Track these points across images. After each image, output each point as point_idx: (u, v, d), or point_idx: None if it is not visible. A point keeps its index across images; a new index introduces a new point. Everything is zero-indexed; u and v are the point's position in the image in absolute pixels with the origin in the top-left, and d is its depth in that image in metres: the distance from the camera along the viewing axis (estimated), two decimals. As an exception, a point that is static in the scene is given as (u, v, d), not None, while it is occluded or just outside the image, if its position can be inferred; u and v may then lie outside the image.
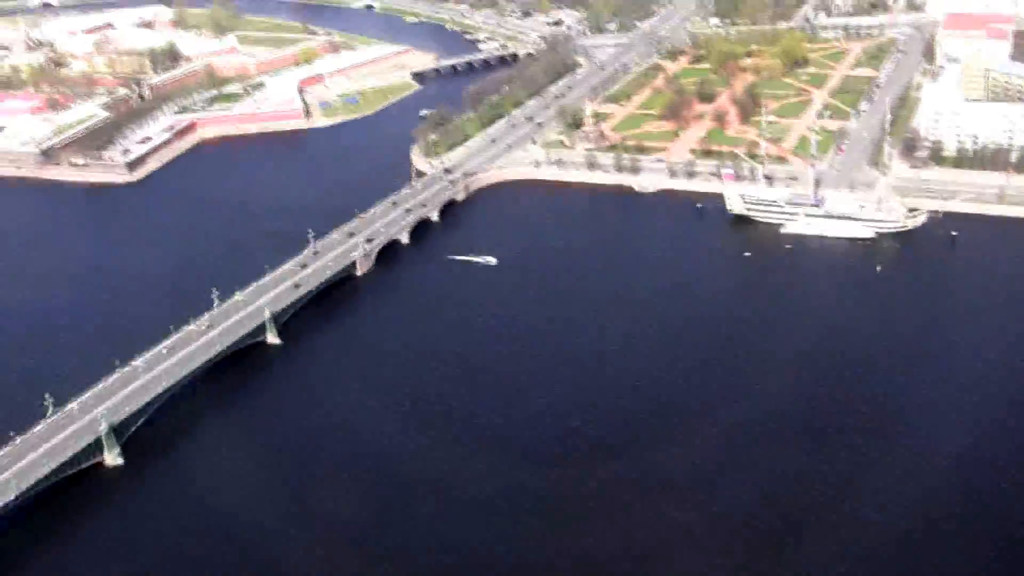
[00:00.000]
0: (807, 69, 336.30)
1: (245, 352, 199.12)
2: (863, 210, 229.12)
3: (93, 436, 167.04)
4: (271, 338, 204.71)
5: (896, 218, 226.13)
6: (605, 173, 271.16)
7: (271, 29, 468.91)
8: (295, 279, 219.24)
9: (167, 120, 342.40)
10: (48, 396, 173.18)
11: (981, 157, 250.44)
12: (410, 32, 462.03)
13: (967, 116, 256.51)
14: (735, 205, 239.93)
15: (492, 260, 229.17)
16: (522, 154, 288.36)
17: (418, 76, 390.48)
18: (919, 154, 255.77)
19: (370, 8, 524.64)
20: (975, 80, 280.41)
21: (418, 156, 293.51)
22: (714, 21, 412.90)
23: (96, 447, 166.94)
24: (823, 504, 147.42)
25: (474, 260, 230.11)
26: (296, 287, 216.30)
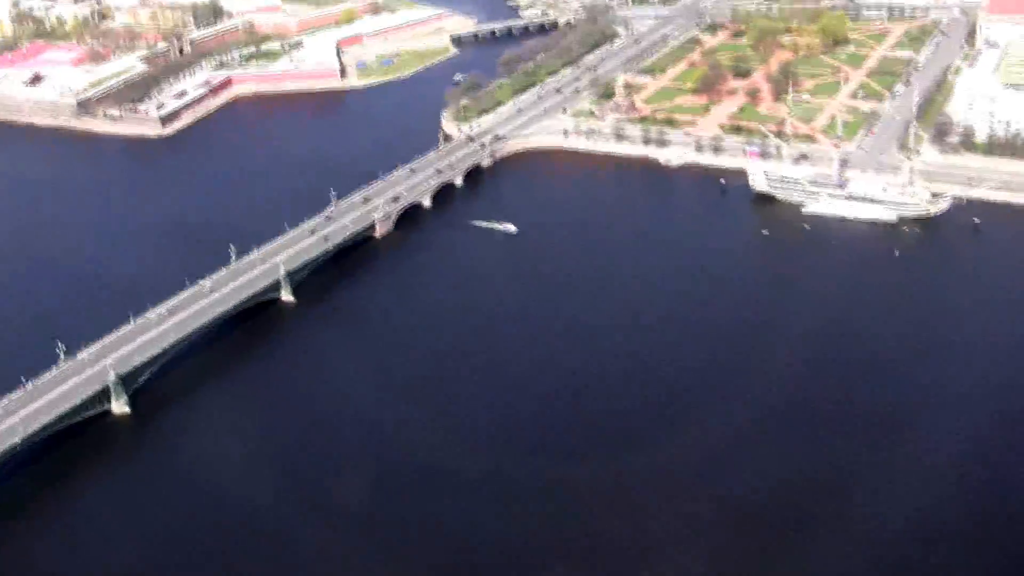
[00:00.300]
0: (846, 49, 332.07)
1: (259, 309, 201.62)
2: (886, 193, 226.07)
3: (101, 385, 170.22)
4: (286, 296, 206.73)
5: (918, 202, 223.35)
6: (632, 145, 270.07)
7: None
8: (313, 238, 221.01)
9: (203, 76, 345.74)
10: (60, 343, 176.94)
11: (1012, 145, 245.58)
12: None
13: (1002, 102, 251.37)
14: (758, 182, 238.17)
15: (512, 228, 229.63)
16: (552, 123, 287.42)
17: (457, 40, 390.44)
18: (950, 139, 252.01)
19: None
20: (1015, 66, 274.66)
21: (448, 121, 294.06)
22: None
23: (104, 396, 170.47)
24: (831, 494, 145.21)
25: (495, 227, 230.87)
26: (313, 246, 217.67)
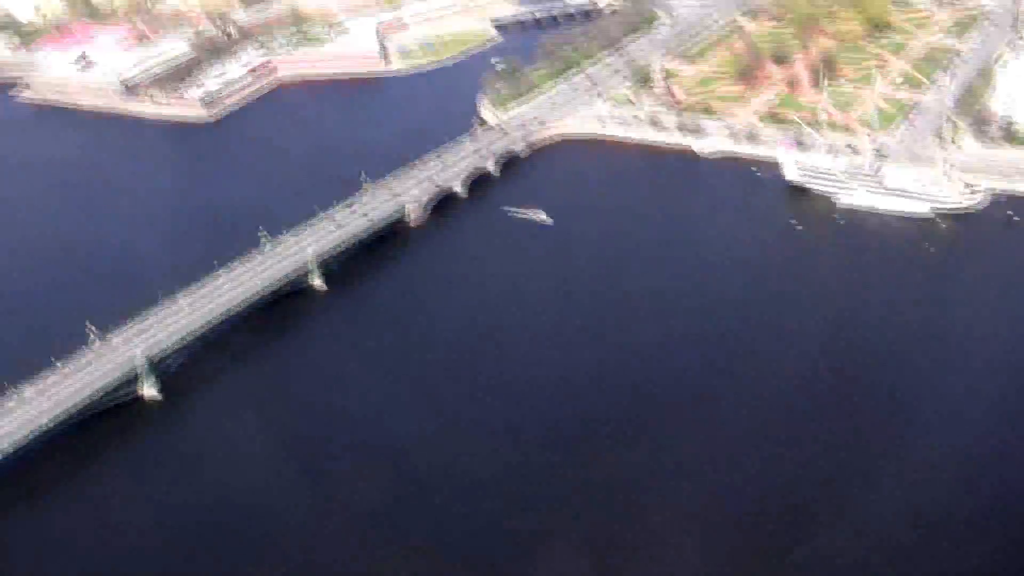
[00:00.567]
0: (889, 35, 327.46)
1: (289, 295, 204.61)
2: (921, 186, 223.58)
3: (130, 368, 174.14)
4: (316, 282, 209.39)
5: (953, 195, 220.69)
6: (667, 133, 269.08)
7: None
8: (345, 224, 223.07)
9: (247, 60, 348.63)
10: (91, 326, 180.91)
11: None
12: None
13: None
14: (791, 173, 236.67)
15: (546, 217, 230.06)
16: (588, 109, 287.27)
17: (499, 26, 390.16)
18: (991, 131, 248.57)
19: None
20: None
21: (486, 106, 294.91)
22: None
23: (133, 379, 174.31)
24: (839, 491, 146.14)
25: (530, 217, 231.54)
26: (345, 232, 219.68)
